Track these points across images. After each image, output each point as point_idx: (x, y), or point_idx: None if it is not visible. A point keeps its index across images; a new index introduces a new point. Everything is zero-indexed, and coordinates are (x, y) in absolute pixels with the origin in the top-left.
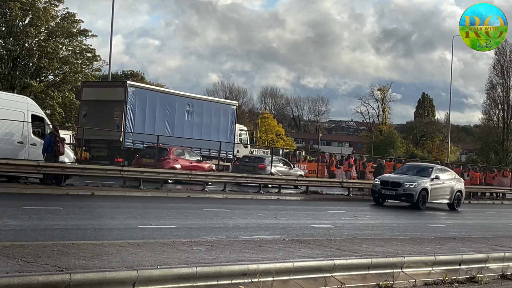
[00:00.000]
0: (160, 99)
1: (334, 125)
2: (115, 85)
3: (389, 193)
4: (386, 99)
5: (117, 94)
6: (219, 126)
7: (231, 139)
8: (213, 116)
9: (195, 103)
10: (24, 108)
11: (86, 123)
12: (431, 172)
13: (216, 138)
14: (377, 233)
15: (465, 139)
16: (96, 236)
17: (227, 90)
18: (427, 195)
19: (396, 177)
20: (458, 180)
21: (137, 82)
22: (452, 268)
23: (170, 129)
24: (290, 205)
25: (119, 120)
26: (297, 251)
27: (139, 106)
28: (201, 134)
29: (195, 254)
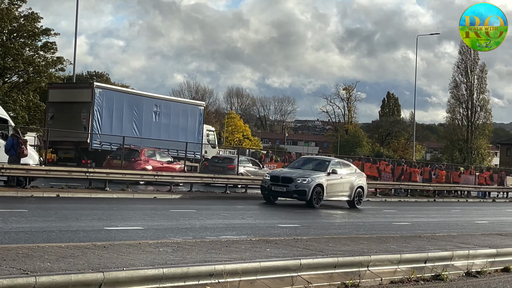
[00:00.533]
0: (127, 100)
1: (300, 125)
2: (82, 87)
3: (279, 189)
4: (352, 98)
5: (84, 96)
6: (187, 127)
7: (199, 139)
8: (181, 116)
9: (162, 104)
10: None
11: (53, 124)
12: (328, 166)
13: (184, 139)
14: (344, 232)
15: (429, 138)
16: (61, 239)
17: (193, 91)
18: (322, 192)
19: (287, 172)
20: (359, 175)
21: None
22: (418, 266)
23: (137, 130)
24: (257, 205)
25: (86, 121)
26: (263, 251)
27: (106, 107)
28: (169, 135)
29: (161, 256)
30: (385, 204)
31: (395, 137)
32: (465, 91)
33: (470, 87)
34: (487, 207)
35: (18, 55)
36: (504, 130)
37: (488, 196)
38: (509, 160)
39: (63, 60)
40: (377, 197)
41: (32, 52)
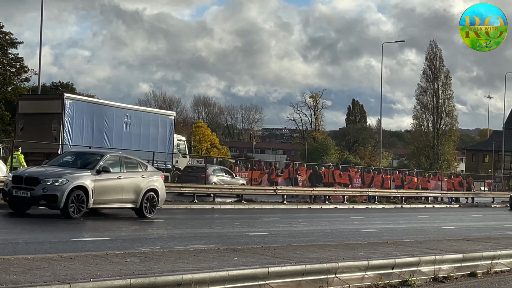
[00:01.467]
0: (97, 111)
1: (267, 133)
2: (52, 98)
3: (22, 194)
4: (318, 106)
5: (54, 107)
6: (157, 137)
7: (170, 149)
8: (151, 126)
9: (133, 114)
10: None
11: (23, 136)
12: (98, 163)
13: (155, 149)
14: (311, 240)
15: (396, 144)
16: (27, 250)
17: (160, 100)
18: (86, 197)
19: (36, 171)
20: (152, 174)
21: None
22: (385, 272)
23: (108, 141)
24: (225, 214)
25: (56, 132)
26: (232, 259)
27: (77, 118)
28: (140, 145)
29: (129, 266)
30: (352, 211)
31: (362, 144)
32: (431, 97)
33: (436, 94)
34: (453, 212)
35: None
36: (469, 136)
37: (455, 202)
38: (475, 166)
39: (27, 70)
40: (344, 204)
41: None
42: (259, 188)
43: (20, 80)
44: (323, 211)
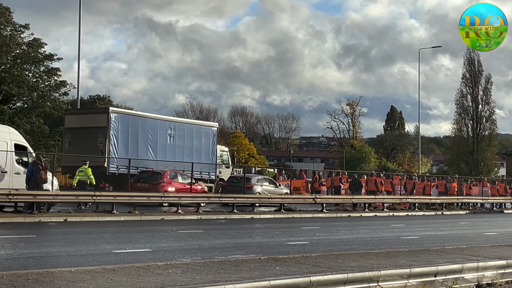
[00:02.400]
0: (142, 123)
1: (305, 141)
2: (97, 112)
3: None
4: (356, 113)
5: (100, 121)
6: (201, 148)
7: (213, 160)
8: (195, 138)
9: (176, 126)
10: (7, 138)
11: (70, 150)
12: None
13: (199, 160)
14: (352, 248)
15: (435, 150)
16: (70, 263)
17: (197, 111)
18: None
19: None
20: None
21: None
22: (428, 279)
23: (153, 153)
24: (265, 223)
25: (102, 146)
26: (273, 269)
27: (122, 131)
28: (184, 157)
29: (171, 277)
30: (392, 218)
31: (400, 151)
32: (471, 102)
33: (476, 98)
34: (495, 218)
35: (23, 82)
36: (509, 141)
37: (501, 207)
38: None
39: (66, 84)
40: (384, 212)
41: (36, 78)
42: (298, 197)
43: (59, 94)
44: (363, 219)
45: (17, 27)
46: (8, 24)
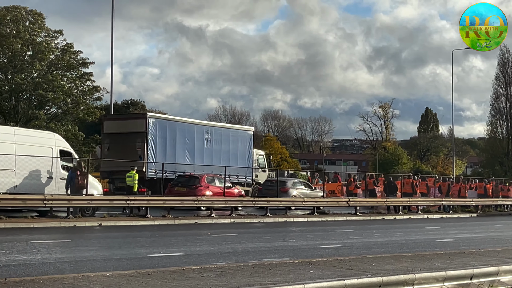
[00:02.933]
0: (179, 128)
1: (337, 144)
2: (136, 117)
3: None
4: (388, 116)
5: (138, 126)
6: (237, 152)
7: (250, 164)
8: (231, 142)
9: (213, 130)
10: (52, 144)
11: (109, 155)
12: None
13: (235, 164)
14: (387, 251)
15: (469, 152)
16: (105, 267)
17: (229, 115)
18: None
19: None
20: None
21: (138, 110)
22: (464, 282)
23: (190, 157)
24: (298, 227)
25: (141, 151)
26: (307, 272)
27: (160, 136)
28: (221, 161)
29: (205, 281)
30: (427, 221)
31: (434, 153)
32: (505, 103)
33: (510, 99)
34: None
35: (58, 87)
36: None
37: None
38: None
39: (99, 89)
40: (418, 214)
41: (70, 83)
42: (331, 200)
43: (93, 99)
44: (397, 222)
45: (51, 33)
46: (41, 30)
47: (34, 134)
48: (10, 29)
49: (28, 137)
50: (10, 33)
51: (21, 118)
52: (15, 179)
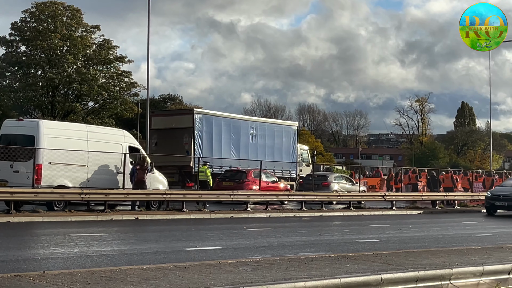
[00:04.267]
0: (225, 124)
1: (373, 139)
2: (182, 113)
3: None
4: (425, 110)
5: (185, 121)
6: (281, 147)
7: (294, 159)
8: (276, 137)
9: (258, 126)
10: (122, 140)
11: (157, 150)
12: None
13: (280, 159)
14: (423, 246)
15: (507, 146)
16: (142, 261)
17: (265, 109)
18: None
19: None
20: None
21: (176, 105)
22: (502, 277)
23: (235, 152)
24: (334, 221)
25: (188, 146)
26: (343, 267)
27: (206, 132)
28: (265, 156)
29: (241, 275)
30: (464, 215)
31: (471, 147)
32: None
33: None
34: None
35: (93, 81)
36: None
37: None
38: None
39: (137, 85)
40: (455, 209)
41: (106, 78)
42: (367, 195)
43: (130, 95)
44: (434, 216)
45: (88, 28)
46: (79, 26)
47: (104, 131)
48: (48, 24)
49: (99, 134)
50: (48, 28)
51: (58, 112)
52: (88, 174)
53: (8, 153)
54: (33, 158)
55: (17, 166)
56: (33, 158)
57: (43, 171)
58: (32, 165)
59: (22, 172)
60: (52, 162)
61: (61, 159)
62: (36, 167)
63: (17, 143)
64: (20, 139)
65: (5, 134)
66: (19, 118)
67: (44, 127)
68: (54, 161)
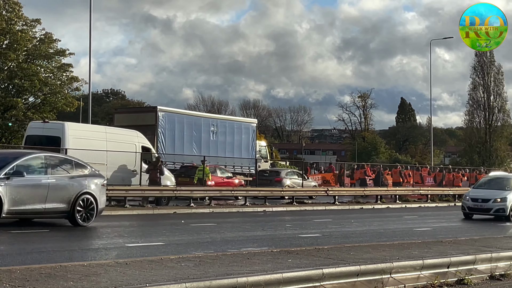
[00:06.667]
0: (187, 121)
1: (317, 134)
2: (146, 111)
3: None
4: (367, 105)
5: (148, 119)
6: (241, 144)
7: (253, 155)
8: (236, 134)
9: (219, 123)
10: (135, 141)
11: None
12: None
13: (239, 155)
14: (365, 240)
15: (447, 142)
16: (83, 257)
17: (208, 104)
18: None
19: None
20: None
21: (119, 100)
22: (441, 271)
23: (197, 149)
24: (277, 216)
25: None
26: (285, 262)
27: (169, 129)
28: (226, 152)
29: (183, 270)
30: (405, 210)
31: (412, 142)
32: (482, 93)
33: (487, 89)
34: None
35: (34, 76)
36: None
37: None
38: None
39: (78, 79)
40: (397, 204)
41: (47, 73)
42: (310, 190)
43: (71, 90)
44: (375, 211)
45: (29, 22)
46: (19, 20)
47: (120, 132)
48: None
49: (116, 134)
50: None
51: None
52: (107, 172)
53: None
54: None
55: None
56: None
57: None
58: None
59: None
60: None
61: (84, 158)
62: None
63: (43, 144)
64: (46, 140)
65: (30, 135)
66: (45, 120)
67: (69, 129)
68: None
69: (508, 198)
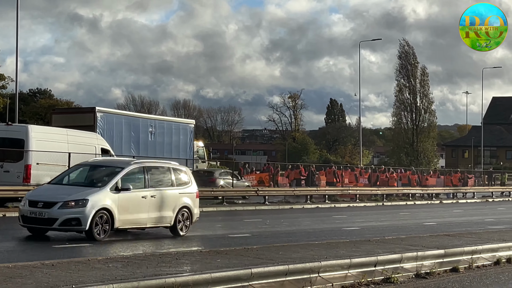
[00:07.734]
0: (125, 122)
1: (248, 134)
2: (84, 111)
3: None
4: (298, 106)
5: (87, 120)
6: (179, 144)
7: (191, 155)
8: (174, 135)
9: (157, 123)
10: (95, 143)
11: None
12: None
13: (177, 156)
14: (294, 240)
15: (376, 142)
16: (9, 259)
17: (138, 104)
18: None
19: None
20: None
21: (46, 99)
22: (368, 269)
23: (135, 150)
24: (207, 216)
25: None
26: (214, 262)
27: (108, 130)
28: (164, 153)
29: (111, 271)
30: (334, 210)
31: (342, 143)
32: (409, 95)
33: (413, 91)
34: (434, 209)
35: None
36: (448, 132)
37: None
38: (454, 162)
39: (4, 77)
40: (326, 203)
41: None
42: (241, 190)
43: None
44: (305, 211)
45: None
46: None
47: (81, 134)
48: None
49: (76, 137)
50: None
51: None
52: None
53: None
54: (23, 159)
55: (7, 166)
56: (23, 159)
57: (32, 171)
58: (21, 166)
59: (12, 172)
60: (39, 163)
61: (46, 160)
62: (26, 167)
63: (6, 146)
64: (10, 142)
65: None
66: (8, 123)
67: (33, 131)
68: (40, 162)
69: (91, 200)
